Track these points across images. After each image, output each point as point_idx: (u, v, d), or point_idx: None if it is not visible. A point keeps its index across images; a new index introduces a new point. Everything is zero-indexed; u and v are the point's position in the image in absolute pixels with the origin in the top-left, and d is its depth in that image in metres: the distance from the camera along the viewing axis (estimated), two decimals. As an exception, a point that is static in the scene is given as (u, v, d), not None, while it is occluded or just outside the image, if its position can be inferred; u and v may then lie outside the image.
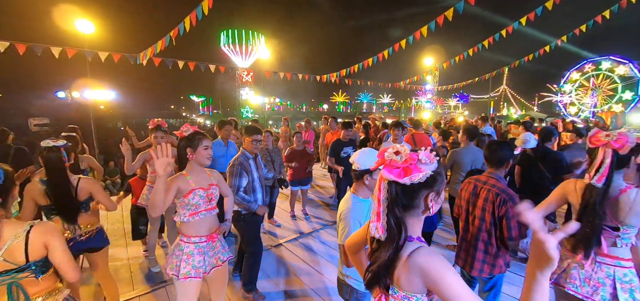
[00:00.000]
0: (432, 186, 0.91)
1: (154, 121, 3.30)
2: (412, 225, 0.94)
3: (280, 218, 4.75)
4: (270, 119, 37.17)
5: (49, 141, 2.06)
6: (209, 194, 1.97)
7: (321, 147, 8.59)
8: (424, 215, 0.95)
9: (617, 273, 1.58)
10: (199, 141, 1.94)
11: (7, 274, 1.32)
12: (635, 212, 1.52)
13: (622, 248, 1.60)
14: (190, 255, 1.90)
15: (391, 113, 66.32)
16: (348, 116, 12.87)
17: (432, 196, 0.92)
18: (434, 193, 0.92)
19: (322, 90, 71.54)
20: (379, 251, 0.94)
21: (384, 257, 0.91)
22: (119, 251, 3.74)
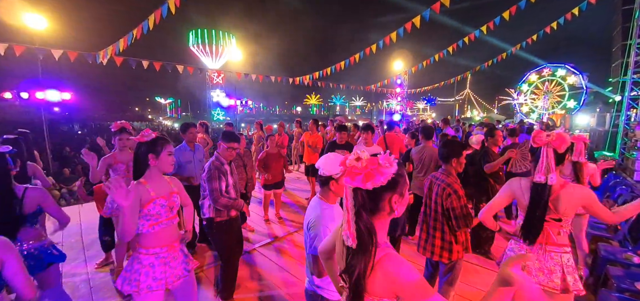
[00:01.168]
0: (394, 188, 0.93)
1: (118, 123, 3.11)
2: (379, 229, 0.95)
3: (253, 223, 4.66)
4: (242, 122, 36.38)
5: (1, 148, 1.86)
6: (170, 202, 1.86)
7: (294, 150, 8.56)
8: (390, 217, 0.97)
9: (563, 258, 1.79)
10: (162, 147, 1.83)
11: None
12: (572, 204, 1.73)
13: (563, 237, 1.81)
14: (150, 267, 1.78)
15: (363, 115, 67.74)
16: (322, 119, 13.07)
17: (396, 197, 0.94)
18: (397, 194, 0.95)
19: (295, 92, 71.37)
20: (353, 260, 0.92)
21: (359, 268, 0.90)
22: (77, 266, 3.46)
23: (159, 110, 69.36)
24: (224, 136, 2.76)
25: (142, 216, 1.77)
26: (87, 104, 43.68)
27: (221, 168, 2.64)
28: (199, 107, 65.81)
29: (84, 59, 6.29)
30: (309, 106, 79.62)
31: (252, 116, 61.09)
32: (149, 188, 1.79)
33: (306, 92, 74.45)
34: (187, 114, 66.72)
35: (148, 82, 76.41)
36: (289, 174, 5.80)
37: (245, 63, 35.48)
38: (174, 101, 66.38)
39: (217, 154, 2.73)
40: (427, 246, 2.42)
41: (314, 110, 79.07)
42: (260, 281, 3.24)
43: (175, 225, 1.93)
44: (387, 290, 0.89)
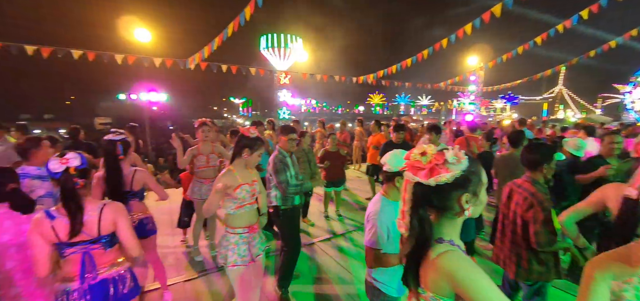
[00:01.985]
0: (465, 187, 0.88)
1: (200, 120, 3.56)
2: (445, 227, 0.92)
3: (314, 218, 4.83)
4: (306, 121, 37.82)
5: (110, 135, 2.34)
6: (252, 189, 2.15)
7: (355, 149, 8.54)
8: (459, 217, 0.92)
9: None
10: (258, 147, 2.17)
11: (83, 244, 1.53)
12: None
13: None
14: (235, 245, 2.08)
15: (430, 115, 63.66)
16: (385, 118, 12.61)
17: (467, 197, 0.88)
18: (468, 193, 0.89)
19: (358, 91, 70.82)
20: (404, 247, 0.96)
21: (409, 256, 0.93)
22: (166, 239, 4.08)
23: (233, 109, 76.62)
24: (282, 129, 2.98)
25: (232, 199, 2.07)
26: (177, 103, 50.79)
27: (284, 160, 2.83)
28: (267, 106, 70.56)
29: (177, 65, 7.37)
30: (371, 105, 78.34)
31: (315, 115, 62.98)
32: (237, 175, 2.09)
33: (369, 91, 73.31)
34: (256, 112, 72.23)
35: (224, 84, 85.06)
36: (350, 173, 5.83)
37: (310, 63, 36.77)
38: (246, 100, 72.53)
39: (278, 147, 2.93)
40: (505, 260, 2.16)
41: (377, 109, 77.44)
42: (317, 274, 3.35)
43: (255, 210, 2.22)
44: (446, 288, 0.85)
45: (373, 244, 1.61)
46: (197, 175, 3.51)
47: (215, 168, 3.55)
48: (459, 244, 0.93)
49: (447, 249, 0.88)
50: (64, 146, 3.76)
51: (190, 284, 3.12)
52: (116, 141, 2.32)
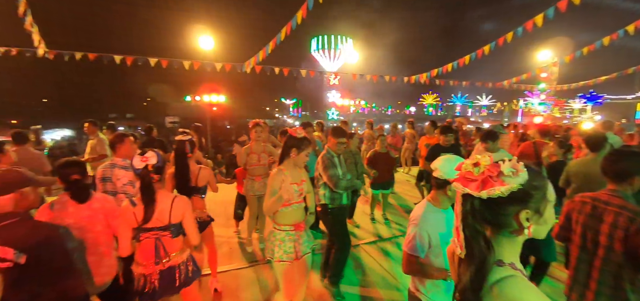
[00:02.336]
0: (524, 203, 0.78)
1: (253, 121, 3.78)
2: (503, 247, 0.82)
3: (359, 220, 4.79)
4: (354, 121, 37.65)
5: (180, 135, 2.63)
6: (300, 188, 2.22)
7: (405, 151, 8.24)
8: (518, 236, 0.82)
9: None
10: (305, 147, 2.23)
11: (155, 230, 1.78)
12: None
13: None
14: (282, 241, 2.17)
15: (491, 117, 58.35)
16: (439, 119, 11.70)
17: (527, 214, 0.78)
18: (529, 210, 0.78)
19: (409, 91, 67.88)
20: (461, 269, 0.86)
21: (465, 278, 0.83)
22: (221, 229, 4.42)
23: (283, 109, 79.66)
24: (334, 131, 3.00)
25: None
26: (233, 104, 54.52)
27: (332, 159, 2.87)
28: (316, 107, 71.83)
29: (235, 69, 7.96)
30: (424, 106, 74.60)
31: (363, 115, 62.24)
32: (287, 174, 2.18)
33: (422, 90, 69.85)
34: (305, 113, 74.09)
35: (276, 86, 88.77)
36: (399, 177, 5.65)
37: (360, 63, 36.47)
38: (296, 101, 74.89)
39: (327, 148, 2.97)
40: (587, 294, 1.72)
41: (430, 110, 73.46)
42: (362, 276, 3.32)
43: (302, 208, 2.29)
44: None
45: (411, 249, 1.55)
46: (249, 172, 3.75)
47: (265, 166, 3.74)
48: (520, 268, 0.83)
49: (509, 274, 0.78)
50: (141, 142, 4.33)
51: (241, 272, 3.35)
52: (185, 141, 2.61)
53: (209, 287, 2.99)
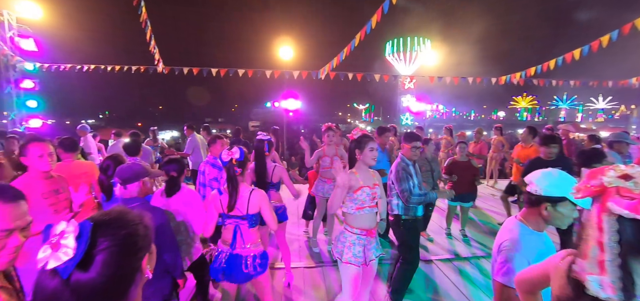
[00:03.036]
0: None
1: (326, 125, 3.91)
2: None
3: (434, 233, 4.45)
4: (430, 127, 35.23)
5: (260, 136, 2.90)
6: (373, 193, 2.18)
7: (490, 161, 7.31)
8: None
9: None
10: (365, 144, 2.16)
11: (236, 218, 2.02)
12: None
13: None
14: (352, 244, 2.16)
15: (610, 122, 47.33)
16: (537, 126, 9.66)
17: None
18: None
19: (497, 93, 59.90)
20: None
21: None
22: (292, 227, 4.67)
23: (356, 114, 79.90)
24: (406, 136, 2.86)
25: (353, 199, 2.14)
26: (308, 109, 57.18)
27: (407, 169, 2.73)
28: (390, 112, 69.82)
29: (310, 76, 8.38)
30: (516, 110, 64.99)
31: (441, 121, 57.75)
32: (359, 177, 2.16)
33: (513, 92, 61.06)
34: (378, 118, 72.76)
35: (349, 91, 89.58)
36: (482, 190, 5.03)
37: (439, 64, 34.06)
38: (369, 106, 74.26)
39: (401, 155, 2.84)
40: None
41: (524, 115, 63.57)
42: (433, 295, 3.07)
43: (374, 214, 2.24)
44: None
45: (507, 281, 1.30)
46: (321, 175, 3.87)
47: None
48: None
49: None
50: (230, 141, 4.91)
51: (309, 271, 3.47)
52: (264, 140, 2.88)
53: (281, 280, 3.20)
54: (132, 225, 0.65)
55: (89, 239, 0.57)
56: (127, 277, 0.63)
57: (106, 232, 0.61)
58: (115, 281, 0.60)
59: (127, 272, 0.63)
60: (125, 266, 0.62)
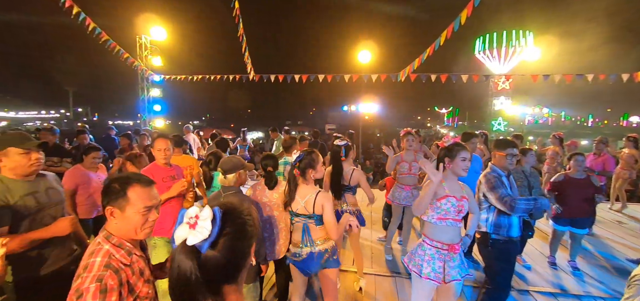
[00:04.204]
0: None
1: (405, 130, 3.76)
2: None
3: (532, 260, 3.80)
4: (530, 135, 30.06)
5: (338, 141, 2.97)
6: (459, 205, 2.01)
7: (616, 179, 5.81)
8: None
9: None
10: (457, 152, 2.03)
11: (303, 217, 2.12)
12: None
13: None
14: (431, 258, 2.03)
15: None
16: None
17: None
18: None
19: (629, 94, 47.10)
20: None
21: None
22: (365, 232, 4.62)
23: (436, 119, 74.25)
24: (499, 143, 2.52)
25: (435, 207, 2.02)
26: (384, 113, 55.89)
27: (500, 179, 2.41)
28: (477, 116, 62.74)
29: (389, 79, 8.18)
30: (660, 116, 50.36)
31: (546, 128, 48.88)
32: (445, 185, 2.03)
33: (657, 94, 47.48)
34: (463, 123, 66.00)
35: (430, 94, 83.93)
36: (603, 214, 3.99)
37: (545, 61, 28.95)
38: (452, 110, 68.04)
39: (492, 165, 2.52)
40: None
41: (674, 122, 48.81)
42: (533, 333, 2.61)
43: (459, 228, 2.07)
44: None
45: None
46: (399, 181, 3.74)
47: (416, 177, 3.65)
48: None
49: None
50: (308, 143, 5.17)
51: (381, 279, 3.38)
52: (341, 146, 2.94)
53: (353, 285, 3.20)
54: (246, 216, 0.75)
55: (221, 224, 0.69)
56: (240, 261, 0.73)
57: (228, 220, 0.71)
58: (232, 262, 0.71)
59: (240, 256, 0.73)
60: (240, 250, 0.73)
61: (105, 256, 1.06)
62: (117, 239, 1.13)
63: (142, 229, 1.15)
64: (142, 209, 1.13)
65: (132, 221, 1.13)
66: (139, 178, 1.18)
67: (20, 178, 1.68)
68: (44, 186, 1.79)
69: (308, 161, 2.15)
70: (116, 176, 1.20)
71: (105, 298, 0.97)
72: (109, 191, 1.14)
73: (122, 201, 1.12)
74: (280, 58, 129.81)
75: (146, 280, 1.19)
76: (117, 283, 1.02)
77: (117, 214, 1.13)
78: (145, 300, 1.16)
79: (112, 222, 1.14)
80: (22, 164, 1.67)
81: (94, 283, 0.98)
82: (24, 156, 1.67)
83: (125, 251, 1.13)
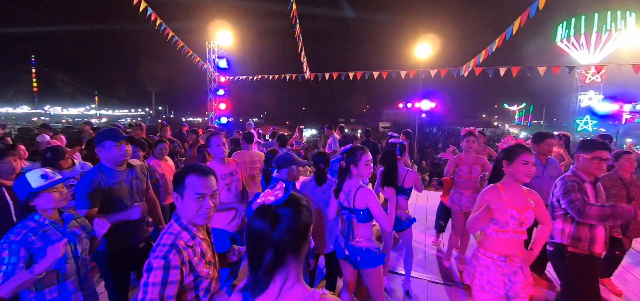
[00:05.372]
0: None
1: (466, 129, 3.48)
2: None
3: (625, 285, 3.19)
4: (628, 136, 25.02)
5: (393, 139, 2.89)
6: (521, 217, 1.78)
7: None
8: None
9: None
10: (517, 155, 1.80)
11: (347, 210, 2.13)
12: None
13: None
14: (485, 268, 1.86)
15: None
16: None
17: None
18: None
19: None
20: None
21: None
22: (418, 235, 4.37)
23: (505, 117, 66.83)
24: (585, 144, 2.16)
25: (491, 219, 1.82)
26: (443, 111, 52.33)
27: (581, 185, 2.08)
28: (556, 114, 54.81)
29: (450, 73, 7.61)
30: None
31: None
32: (503, 194, 1.82)
33: None
34: (539, 122, 58.14)
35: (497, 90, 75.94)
36: None
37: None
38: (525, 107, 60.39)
39: (574, 169, 2.18)
40: None
41: None
42: None
43: (522, 242, 1.84)
44: None
45: None
46: (457, 184, 3.48)
47: (476, 180, 3.36)
48: None
49: None
50: (360, 141, 5.13)
51: (434, 286, 3.19)
52: (396, 144, 2.85)
53: (400, 287, 3.10)
54: (306, 202, 0.89)
55: (288, 195, 0.85)
56: (301, 236, 0.85)
57: (293, 199, 0.86)
58: (296, 233, 0.83)
59: (302, 232, 0.85)
60: (301, 227, 0.85)
61: (172, 237, 1.22)
62: (184, 222, 1.28)
63: (197, 214, 1.28)
64: (195, 196, 1.26)
65: (189, 206, 1.26)
66: (195, 168, 1.31)
67: (113, 167, 2.04)
68: (131, 176, 2.14)
69: (351, 155, 2.15)
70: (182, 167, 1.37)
71: (168, 273, 1.13)
72: (174, 179, 1.31)
73: (181, 188, 1.27)
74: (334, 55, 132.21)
75: (207, 261, 1.32)
76: (180, 262, 1.16)
77: (179, 200, 1.28)
78: (206, 280, 1.30)
79: (177, 207, 1.30)
80: (115, 155, 2.01)
81: (160, 259, 1.14)
82: (117, 148, 2.01)
83: (189, 233, 1.27)
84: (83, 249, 1.72)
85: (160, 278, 1.11)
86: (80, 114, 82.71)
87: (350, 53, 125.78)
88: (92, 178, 1.95)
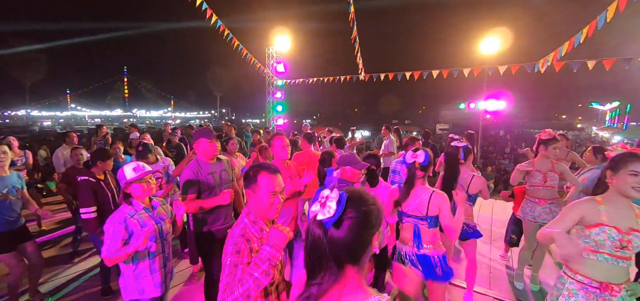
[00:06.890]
0: None
1: (546, 131, 3.05)
2: None
3: None
4: None
5: (456, 142, 2.72)
6: (624, 240, 1.51)
7: None
8: None
9: None
10: (624, 163, 1.54)
11: (415, 217, 2.05)
12: None
13: None
14: (572, 293, 1.63)
15: None
16: None
17: None
18: None
19: None
20: None
21: None
22: (483, 248, 4.02)
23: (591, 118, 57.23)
24: None
25: (583, 236, 1.61)
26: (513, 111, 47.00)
27: None
28: (667, 115, 45.13)
29: (523, 69, 6.80)
30: None
31: None
32: (601, 210, 1.58)
33: None
34: (636, 123, 48.46)
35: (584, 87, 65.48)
36: None
37: None
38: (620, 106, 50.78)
39: None
40: None
41: None
42: None
43: (621, 268, 1.57)
44: None
45: None
46: (530, 193, 3.10)
47: (554, 190, 2.95)
48: None
49: None
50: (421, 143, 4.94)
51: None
52: (460, 147, 2.67)
53: (462, 300, 2.89)
54: (370, 205, 0.79)
55: (343, 207, 0.76)
56: (362, 245, 0.78)
57: (353, 205, 0.77)
58: (354, 244, 0.76)
59: (362, 240, 0.78)
60: (362, 235, 0.77)
61: (242, 228, 1.35)
62: (253, 216, 1.39)
63: (269, 210, 1.38)
64: (268, 193, 1.35)
65: (262, 202, 1.36)
66: (267, 167, 1.41)
67: (206, 160, 2.39)
68: (220, 168, 2.47)
69: (431, 161, 2.07)
70: (252, 165, 1.48)
71: (238, 256, 1.25)
72: (246, 177, 1.42)
73: (254, 185, 1.37)
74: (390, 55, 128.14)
75: None
76: (248, 250, 1.28)
77: (251, 196, 1.39)
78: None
79: (249, 202, 1.41)
80: (208, 150, 2.35)
81: (232, 245, 1.28)
82: (209, 144, 2.35)
83: (258, 226, 1.38)
84: (167, 232, 1.99)
85: (234, 260, 1.25)
86: (160, 116, 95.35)
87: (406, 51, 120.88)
88: (193, 169, 2.30)
